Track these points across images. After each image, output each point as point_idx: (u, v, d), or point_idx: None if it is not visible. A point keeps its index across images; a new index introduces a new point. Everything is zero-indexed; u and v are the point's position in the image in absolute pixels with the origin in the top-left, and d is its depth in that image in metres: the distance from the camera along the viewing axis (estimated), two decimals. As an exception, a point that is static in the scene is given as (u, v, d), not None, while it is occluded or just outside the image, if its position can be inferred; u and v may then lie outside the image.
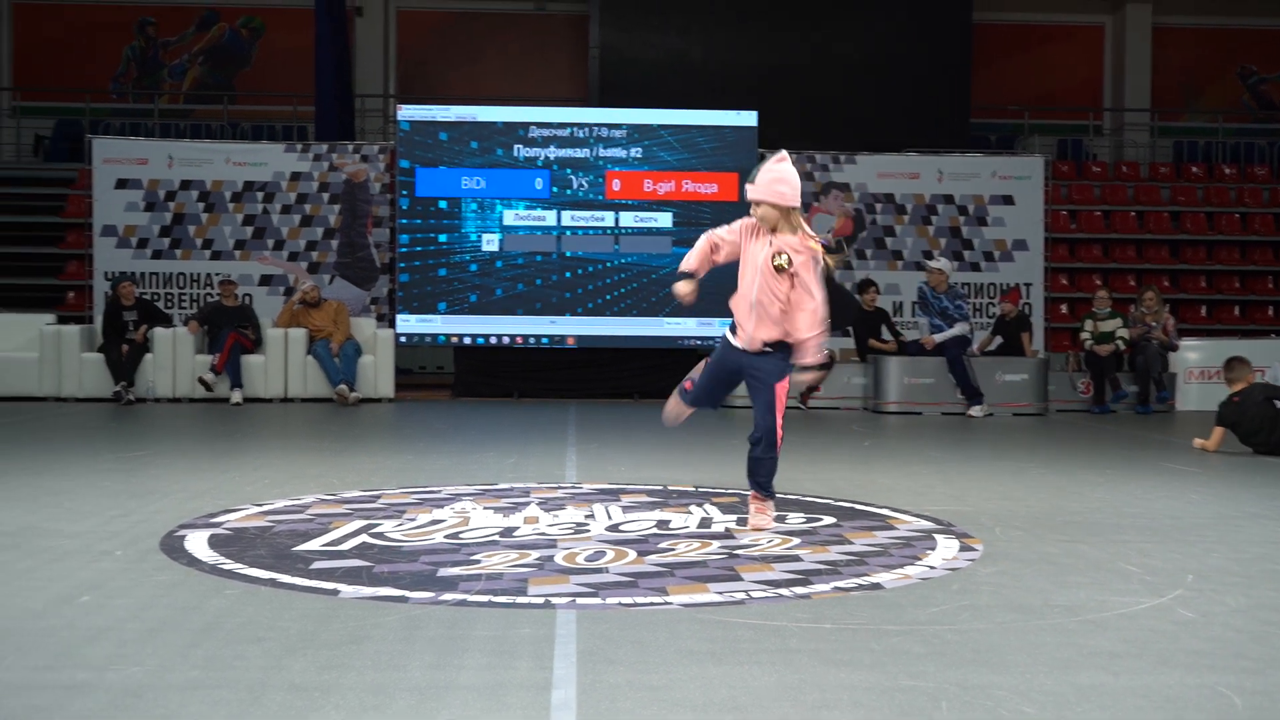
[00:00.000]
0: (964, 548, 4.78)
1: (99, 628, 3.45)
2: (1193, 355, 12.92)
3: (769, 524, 5.18)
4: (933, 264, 12.38)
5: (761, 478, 5.25)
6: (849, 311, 12.27)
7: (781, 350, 5.11)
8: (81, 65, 20.64)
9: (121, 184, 13.82)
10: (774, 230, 5.04)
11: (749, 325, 5.09)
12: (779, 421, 5.17)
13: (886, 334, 12.71)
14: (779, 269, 4.98)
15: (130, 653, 3.20)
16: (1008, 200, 14.38)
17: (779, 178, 5.00)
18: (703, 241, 5.26)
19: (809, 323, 5.01)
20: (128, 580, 4.07)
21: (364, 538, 4.86)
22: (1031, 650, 3.32)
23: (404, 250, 13.64)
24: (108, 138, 14.38)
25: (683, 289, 5.23)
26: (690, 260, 5.25)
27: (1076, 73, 21.46)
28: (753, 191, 5.03)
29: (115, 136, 14.83)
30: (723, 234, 5.22)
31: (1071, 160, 19.70)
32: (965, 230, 14.34)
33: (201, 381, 12.16)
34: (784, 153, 5.12)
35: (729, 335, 5.24)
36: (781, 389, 5.15)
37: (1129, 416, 11.89)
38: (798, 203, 5.06)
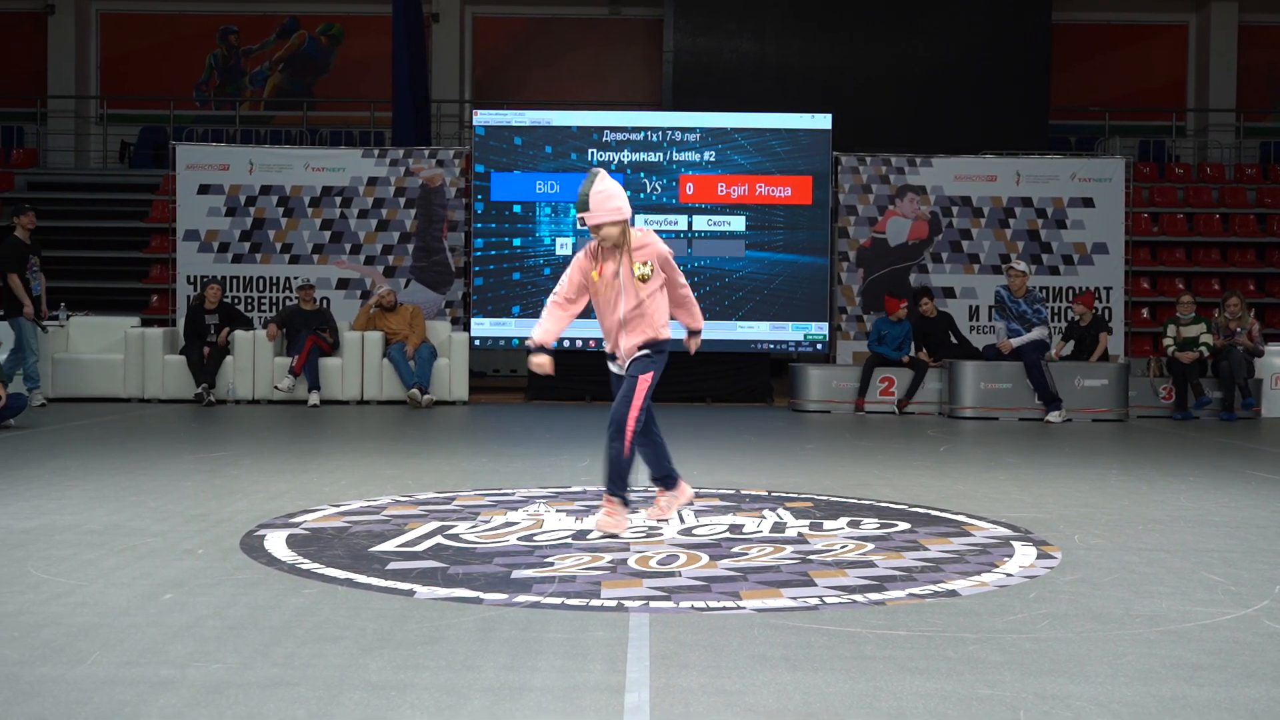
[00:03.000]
0: (1042, 555, 4.71)
1: (181, 625, 3.51)
2: (1279, 360, 12.61)
3: (613, 528, 5.01)
4: (1015, 265, 12.21)
5: (610, 474, 5.08)
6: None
7: (652, 348, 5.09)
8: (166, 73, 21.12)
9: (204, 189, 14.09)
10: (618, 246, 5.02)
11: (622, 342, 5.10)
12: (632, 413, 5.01)
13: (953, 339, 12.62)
14: (644, 279, 5.00)
15: (211, 650, 3.26)
16: (1088, 203, 14.15)
17: (609, 194, 4.97)
18: (550, 309, 5.16)
19: (696, 313, 5.31)
20: (209, 579, 4.14)
21: (439, 539, 4.91)
22: (1112, 660, 3.26)
23: (479, 254, 13.75)
24: (190, 144, 14.65)
25: (541, 361, 5.13)
26: (544, 332, 5.13)
27: (1159, 73, 21.09)
28: (591, 217, 4.96)
29: (198, 143, 15.11)
30: (565, 288, 5.15)
31: (1154, 162, 19.35)
32: (1044, 233, 14.13)
33: (278, 389, 12.40)
34: (599, 170, 5.07)
35: (611, 367, 5.24)
36: (644, 380, 5.05)
37: (1212, 423, 11.63)
38: (630, 213, 5.05)
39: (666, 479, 5.37)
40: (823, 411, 12.33)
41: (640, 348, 5.09)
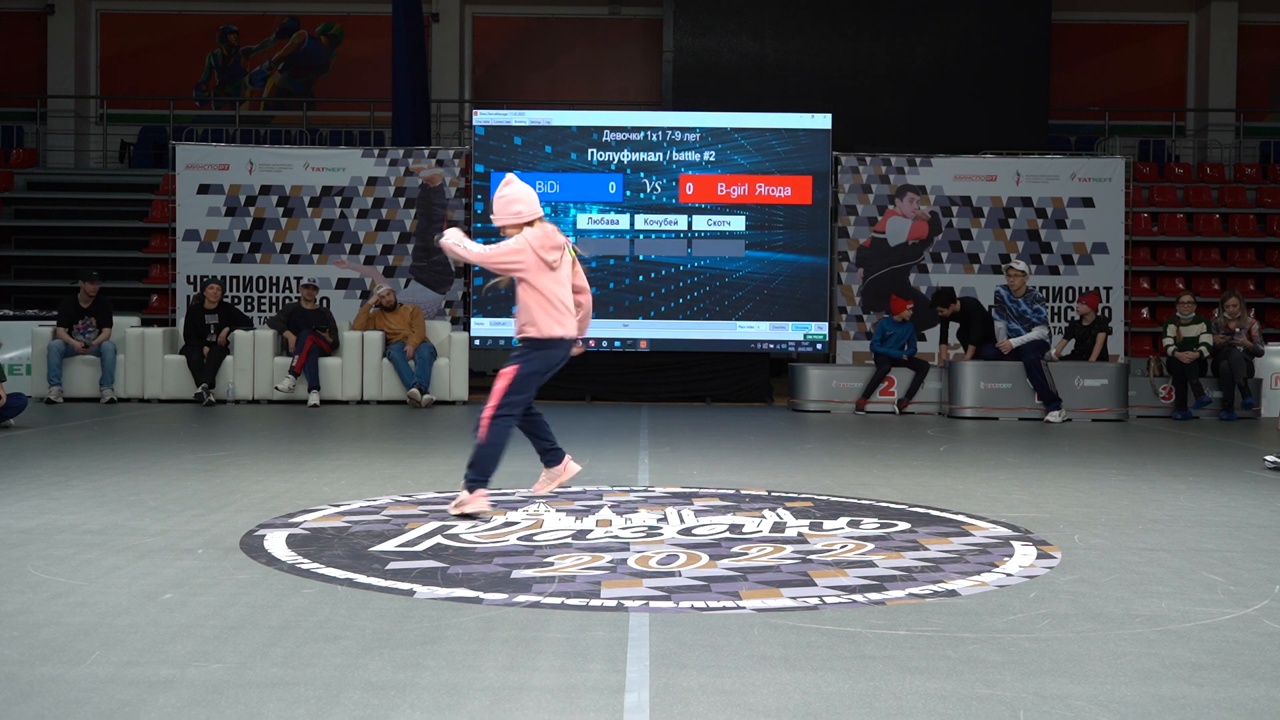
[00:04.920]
0: (1042, 555, 4.71)
1: (181, 625, 3.51)
2: (1279, 360, 12.61)
3: (455, 510, 5.40)
4: (1015, 265, 12.20)
5: (469, 466, 5.46)
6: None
7: (522, 342, 5.60)
8: (166, 73, 21.11)
9: (203, 189, 14.09)
10: None
11: None
12: (486, 412, 5.45)
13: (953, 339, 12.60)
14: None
15: (211, 650, 3.26)
16: (1087, 202, 14.15)
17: (507, 199, 5.52)
18: None
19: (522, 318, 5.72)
20: (209, 578, 4.14)
21: (439, 539, 4.91)
22: (1111, 660, 3.26)
23: (479, 254, 13.72)
24: (190, 144, 14.65)
25: None
26: None
27: (1159, 72, 21.08)
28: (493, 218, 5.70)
29: (198, 143, 15.11)
30: None
31: (1153, 162, 19.34)
32: (1044, 233, 14.13)
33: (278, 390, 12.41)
34: (509, 175, 5.57)
35: None
36: (502, 375, 5.50)
37: (1212, 423, 11.63)
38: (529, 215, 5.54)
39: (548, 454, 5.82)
40: (823, 411, 12.33)
41: (518, 336, 5.56)
